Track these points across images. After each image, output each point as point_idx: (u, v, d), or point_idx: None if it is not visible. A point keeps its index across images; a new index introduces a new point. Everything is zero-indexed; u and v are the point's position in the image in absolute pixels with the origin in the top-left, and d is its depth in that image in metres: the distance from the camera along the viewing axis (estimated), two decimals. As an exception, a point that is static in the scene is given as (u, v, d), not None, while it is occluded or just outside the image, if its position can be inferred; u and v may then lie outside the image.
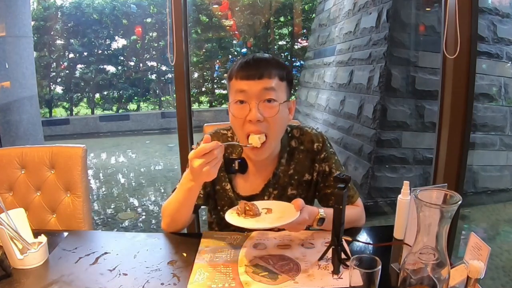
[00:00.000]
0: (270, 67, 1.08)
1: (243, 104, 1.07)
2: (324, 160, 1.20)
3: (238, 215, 1.01)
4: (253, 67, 1.07)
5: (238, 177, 1.20)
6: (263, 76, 1.06)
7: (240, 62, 1.10)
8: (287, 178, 1.19)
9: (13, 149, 1.44)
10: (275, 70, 1.08)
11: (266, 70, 1.06)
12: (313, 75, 5.84)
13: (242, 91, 1.07)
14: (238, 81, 1.07)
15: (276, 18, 7.69)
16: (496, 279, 2.36)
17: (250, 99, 1.06)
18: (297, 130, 1.23)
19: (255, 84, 1.06)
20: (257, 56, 1.11)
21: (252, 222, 0.98)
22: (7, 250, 0.98)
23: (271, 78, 1.07)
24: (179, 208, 1.10)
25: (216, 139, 1.19)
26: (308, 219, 1.02)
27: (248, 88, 1.06)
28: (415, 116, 3.44)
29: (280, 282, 0.90)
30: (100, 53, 7.78)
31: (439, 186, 0.80)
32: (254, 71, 1.06)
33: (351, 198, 1.21)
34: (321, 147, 1.20)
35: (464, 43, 1.69)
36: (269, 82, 1.06)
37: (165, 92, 8.19)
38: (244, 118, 1.07)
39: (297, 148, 1.21)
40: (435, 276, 0.72)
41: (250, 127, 1.07)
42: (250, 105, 1.06)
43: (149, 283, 0.92)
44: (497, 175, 3.62)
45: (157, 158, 5.61)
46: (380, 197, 3.42)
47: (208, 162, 0.93)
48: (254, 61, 1.09)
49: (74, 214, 1.41)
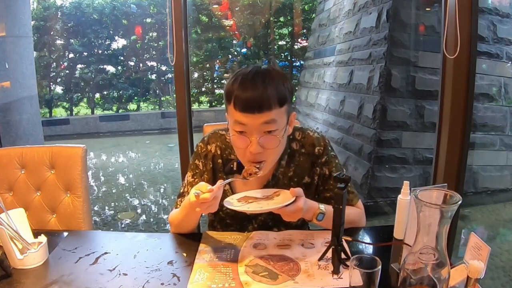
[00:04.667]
0: (269, 94, 0.99)
1: (243, 134, 1.03)
2: (325, 163, 1.19)
3: (238, 201, 1.04)
4: (252, 97, 0.99)
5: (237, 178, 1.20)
6: (262, 109, 0.99)
7: (238, 85, 1.01)
8: (287, 180, 1.18)
9: (13, 149, 1.45)
10: (274, 96, 1.00)
11: (266, 100, 0.99)
12: (313, 75, 5.84)
13: (241, 124, 1.02)
14: (237, 112, 1.01)
15: (276, 18, 7.68)
16: (496, 279, 2.36)
17: (250, 133, 1.02)
18: (299, 132, 1.20)
19: (254, 118, 1.00)
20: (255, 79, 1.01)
21: (244, 206, 1.01)
22: (7, 250, 0.98)
23: (271, 110, 1.00)
24: (184, 224, 1.14)
25: (214, 141, 1.21)
26: (304, 210, 1.02)
27: (247, 122, 1.01)
28: (415, 116, 3.44)
29: (280, 282, 0.90)
30: (100, 53, 7.77)
31: (439, 186, 0.80)
32: (253, 103, 0.99)
33: (351, 202, 1.20)
34: (323, 150, 1.18)
35: (464, 43, 1.69)
36: (269, 114, 1.00)
37: (165, 92, 8.19)
38: (245, 148, 1.04)
39: (298, 150, 1.19)
40: (435, 276, 0.72)
41: (251, 157, 1.05)
42: (250, 138, 1.02)
43: (149, 283, 0.92)
44: (497, 175, 3.62)
45: (157, 158, 5.60)
46: (380, 197, 3.41)
47: (208, 206, 0.98)
48: (253, 87, 0.99)
49: (74, 214, 1.41)
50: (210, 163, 1.20)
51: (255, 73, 1.03)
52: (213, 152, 1.20)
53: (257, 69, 1.05)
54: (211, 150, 1.20)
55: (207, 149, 1.21)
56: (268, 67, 1.08)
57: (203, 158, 1.21)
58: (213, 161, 1.20)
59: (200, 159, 1.21)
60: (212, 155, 1.20)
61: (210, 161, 1.20)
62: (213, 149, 1.20)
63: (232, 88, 1.02)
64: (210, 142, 1.21)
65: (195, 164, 1.21)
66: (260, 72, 1.03)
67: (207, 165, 1.20)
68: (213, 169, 1.20)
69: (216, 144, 1.20)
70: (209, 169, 1.20)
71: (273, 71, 1.06)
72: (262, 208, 0.98)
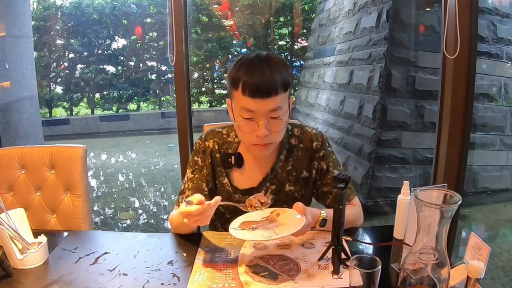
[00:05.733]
0: (276, 79, 1.03)
1: (250, 120, 1.06)
2: (322, 158, 1.21)
3: (243, 229, 0.99)
4: (260, 83, 1.01)
5: (235, 171, 1.22)
6: (270, 94, 1.02)
7: (245, 69, 1.04)
8: (285, 174, 1.20)
9: (13, 149, 1.44)
10: (280, 81, 1.03)
11: (273, 85, 1.02)
12: (313, 75, 5.84)
13: (249, 110, 1.05)
14: (245, 98, 1.03)
15: (276, 18, 7.68)
16: (496, 279, 2.36)
17: (258, 118, 1.05)
18: (298, 129, 1.24)
19: (262, 104, 1.03)
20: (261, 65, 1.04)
21: (259, 234, 0.97)
22: (7, 250, 0.98)
23: (277, 95, 1.03)
24: (181, 227, 1.14)
25: (211, 137, 1.23)
26: (312, 221, 1.03)
27: (255, 108, 1.04)
28: (415, 116, 3.44)
29: (280, 282, 0.90)
30: (100, 53, 7.76)
31: (439, 186, 0.80)
32: (261, 88, 1.02)
33: (348, 197, 1.21)
34: (320, 145, 1.21)
35: (464, 43, 1.69)
36: (276, 101, 1.03)
37: (165, 92, 8.18)
38: (252, 132, 1.07)
39: (297, 146, 1.22)
40: (435, 276, 0.72)
41: (257, 140, 1.08)
42: (258, 123, 1.05)
43: (149, 283, 0.92)
44: (497, 175, 3.62)
45: (157, 158, 5.61)
46: (380, 197, 3.42)
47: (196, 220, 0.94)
48: (261, 72, 1.02)
49: (74, 214, 1.41)
50: (208, 158, 1.21)
51: (260, 59, 1.06)
52: (211, 147, 1.22)
53: (260, 56, 1.08)
54: (209, 146, 1.22)
55: (205, 145, 1.22)
56: (269, 53, 1.10)
57: (202, 154, 1.22)
58: (211, 156, 1.21)
59: (199, 155, 1.22)
60: (210, 150, 1.22)
61: (209, 156, 1.21)
62: (211, 145, 1.22)
63: (238, 74, 1.05)
64: (207, 138, 1.23)
65: (194, 161, 1.23)
66: (263, 58, 1.06)
67: (206, 160, 1.21)
68: (211, 164, 1.22)
69: (214, 140, 1.22)
70: (208, 164, 1.21)
71: (274, 57, 1.09)
72: (279, 235, 0.95)
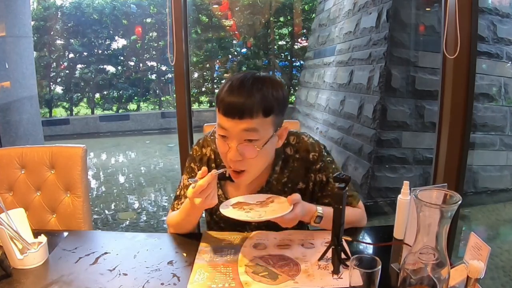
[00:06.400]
0: (254, 101, 0.97)
1: (224, 139, 1.02)
2: (320, 170, 1.17)
3: (233, 207, 1.03)
4: (235, 103, 0.97)
5: (229, 184, 1.19)
6: (243, 116, 0.97)
7: (226, 89, 1.00)
8: (281, 186, 1.17)
9: (13, 149, 1.45)
10: (259, 105, 0.97)
11: (248, 107, 0.96)
12: (313, 75, 5.84)
13: (223, 128, 1.01)
14: (221, 116, 1.00)
15: (276, 18, 7.68)
16: (496, 279, 2.36)
17: (231, 138, 1.01)
18: (294, 137, 1.18)
19: (235, 124, 0.98)
20: (243, 84, 0.99)
21: (243, 214, 1.00)
22: (7, 250, 0.98)
23: (253, 118, 0.97)
24: (183, 224, 1.15)
25: (209, 145, 1.21)
26: (301, 215, 1.02)
27: (228, 127, 0.99)
28: (415, 116, 3.44)
29: (280, 282, 0.90)
30: (100, 53, 7.76)
31: (439, 186, 0.80)
32: (234, 108, 0.97)
33: (350, 204, 1.18)
34: (317, 157, 1.16)
35: (464, 43, 1.69)
36: (250, 122, 0.98)
37: (165, 92, 8.18)
38: (226, 152, 1.03)
39: (293, 156, 1.17)
40: (435, 276, 0.72)
41: (230, 163, 1.03)
42: (230, 144, 1.01)
43: (149, 283, 0.92)
44: (497, 175, 3.62)
45: (157, 158, 5.61)
46: (380, 197, 3.41)
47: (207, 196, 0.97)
48: (238, 93, 0.98)
49: (74, 214, 1.41)
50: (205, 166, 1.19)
51: (246, 79, 1.01)
52: (208, 155, 1.21)
53: (252, 75, 1.02)
54: (206, 154, 1.21)
55: (202, 153, 1.21)
56: (266, 74, 1.06)
57: (198, 162, 1.21)
58: (207, 165, 1.19)
59: (196, 163, 1.21)
60: (207, 159, 1.20)
61: (205, 165, 1.19)
62: (208, 153, 1.21)
63: (221, 91, 1.02)
64: (205, 145, 1.21)
65: (191, 168, 1.22)
66: (252, 78, 1.01)
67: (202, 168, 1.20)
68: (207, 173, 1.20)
69: (211, 148, 1.20)
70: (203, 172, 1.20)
71: (268, 79, 1.03)
72: (262, 216, 0.97)
